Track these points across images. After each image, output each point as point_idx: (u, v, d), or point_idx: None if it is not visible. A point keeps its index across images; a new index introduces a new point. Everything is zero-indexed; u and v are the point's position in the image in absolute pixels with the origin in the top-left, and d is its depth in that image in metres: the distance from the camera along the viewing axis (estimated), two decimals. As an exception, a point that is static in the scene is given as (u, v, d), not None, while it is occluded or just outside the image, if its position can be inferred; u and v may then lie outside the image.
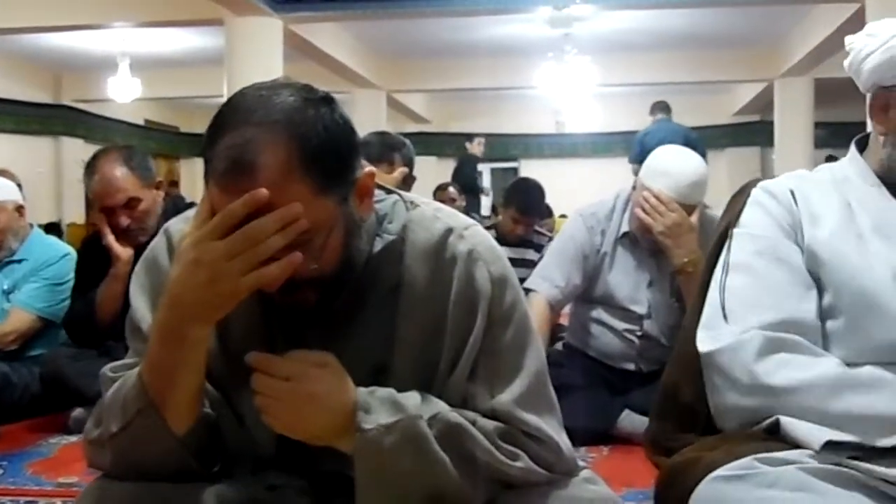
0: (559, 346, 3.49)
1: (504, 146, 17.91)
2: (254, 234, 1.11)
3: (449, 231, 1.34)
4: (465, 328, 1.31)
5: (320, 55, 11.13)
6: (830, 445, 1.28)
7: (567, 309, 3.39)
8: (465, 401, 1.31)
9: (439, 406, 1.27)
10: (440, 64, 13.38)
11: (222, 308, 1.17)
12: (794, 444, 1.31)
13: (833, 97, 12.38)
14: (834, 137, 13.35)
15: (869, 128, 1.60)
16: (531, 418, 1.34)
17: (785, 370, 1.38)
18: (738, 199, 1.63)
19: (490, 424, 1.29)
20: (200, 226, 1.15)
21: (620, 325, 3.09)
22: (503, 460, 1.28)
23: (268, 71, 8.67)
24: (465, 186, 9.63)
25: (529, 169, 17.99)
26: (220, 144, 1.15)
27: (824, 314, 1.47)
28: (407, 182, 3.17)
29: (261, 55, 8.89)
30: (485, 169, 17.43)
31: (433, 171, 14.87)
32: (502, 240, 4.70)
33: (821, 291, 1.47)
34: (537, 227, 4.87)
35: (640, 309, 3.05)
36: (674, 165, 2.86)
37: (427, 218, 1.37)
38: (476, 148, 11.48)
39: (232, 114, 1.17)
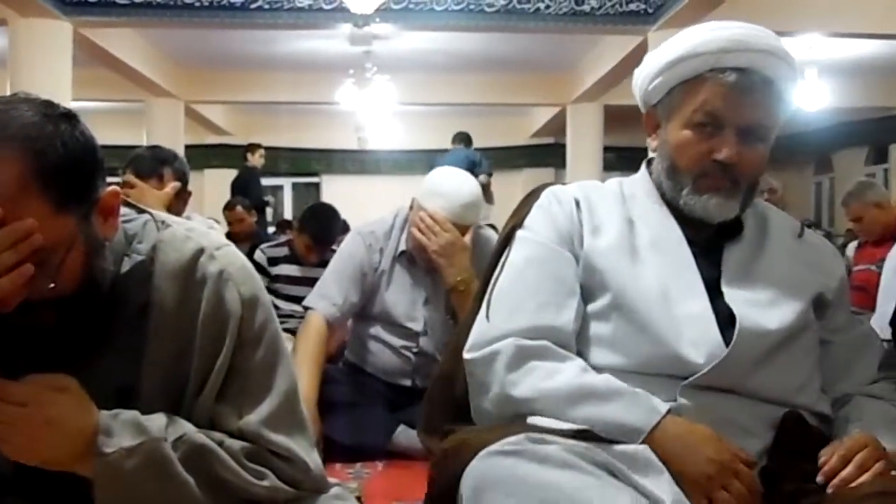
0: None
1: (306, 161, 17.78)
2: None
3: (200, 251, 1.34)
4: (213, 349, 1.31)
5: (113, 61, 10.72)
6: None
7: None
8: (213, 421, 1.32)
9: (185, 427, 1.27)
10: (241, 76, 13.16)
11: None
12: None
13: (621, 122, 12.94)
14: (621, 161, 13.94)
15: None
16: (279, 438, 1.35)
17: (529, 379, 1.46)
18: (529, 201, 1.71)
19: (237, 444, 1.30)
20: None
21: (397, 341, 3.15)
22: (250, 480, 1.29)
23: (55, 75, 8.32)
24: (255, 202, 9.39)
25: (331, 185, 17.94)
26: None
27: (598, 321, 1.55)
28: (181, 197, 3.12)
29: (48, 59, 8.46)
30: (286, 184, 17.32)
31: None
32: (300, 260, 4.70)
33: (595, 299, 1.55)
34: (336, 248, 4.88)
35: (417, 326, 3.11)
36: (448, 187, 2.94)
37: (178, 238, 1.36)
38: (257, 160, 11.25)
39: None
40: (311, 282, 4.23)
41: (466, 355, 1.56)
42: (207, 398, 1.31)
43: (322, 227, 4.71)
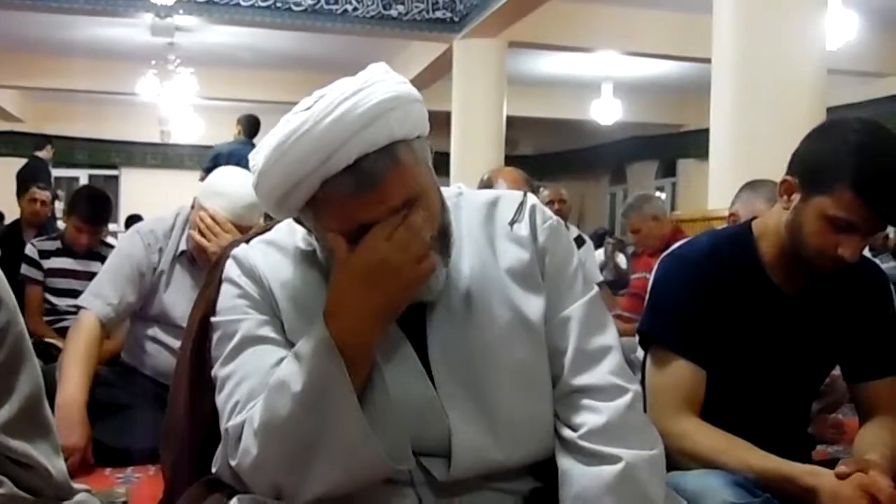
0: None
1: (105, 153, 17.15)
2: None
3: None
4: None
5: None
6: None
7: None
8: None
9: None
10: (34, 60, 12.54)
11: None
12: None
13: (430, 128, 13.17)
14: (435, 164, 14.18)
15: None
16: (18, 444, 1.31)
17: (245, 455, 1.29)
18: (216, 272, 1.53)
19: (-31, 451, 1.25)
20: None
21: (176, 343, 3.07)
22: (-18, 488, 1.25)
23: None
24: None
25: (132, 178, 17.38)
26: None
27: None
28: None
29: None
30: (83, 175, 16.62)
31: (23, 173, 13.85)
32: (69, 251, 4.51)
33: None
34: (106, 240, 4.72)
35: (196, 327, 3.06)
36: (229, 187, 2.91)
37: None
38: (46, 154, 10.71)
39: None
40: (85, 275, 4.11)
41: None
42: None
43: (91, 209, 4.50)
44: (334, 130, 1.19)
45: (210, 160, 7.42)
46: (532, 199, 1.44)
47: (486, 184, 3.23)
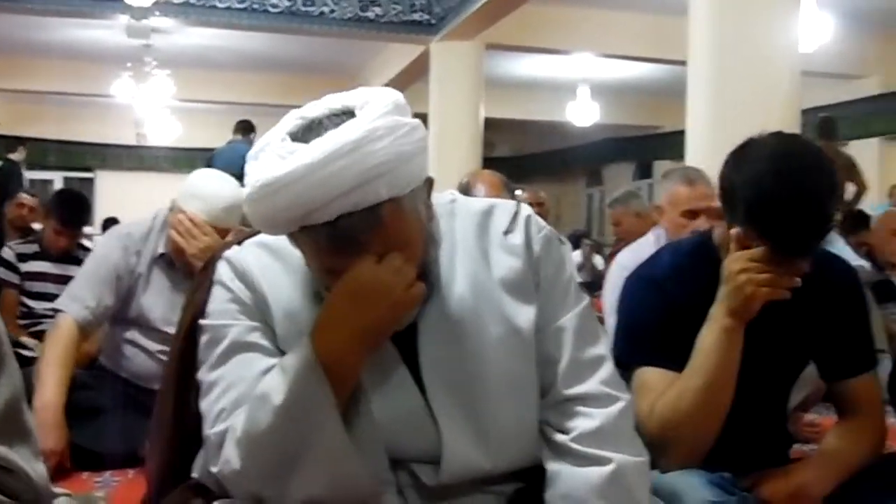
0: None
1: (80, 155, 17.00)
2: None
3: None
4: None
5: None
6: None
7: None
8: None
9: None
10: (8, 62, 12.42)
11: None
12: None
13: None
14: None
15: None
16: (-1, 448, 1.30)
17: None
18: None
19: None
20: None
21: (154, 346, 3.07)
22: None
23: None
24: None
25: (107, 180, 17.25)
26: None
27: None
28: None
29: None
30: (57, 178, 16.48)
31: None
32: (46, 254, 4.49)
33: None
34: (84, 243, 4.70)
35: (174, 330, 3.04)
36: (208, 189, 2.90)
37: None
38: (20, 155, 10.62)
39: None
40: (62, 279, 4.09)
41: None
42: None
43: (69, 211, 4.49)
44: (321, 189, 1.14)
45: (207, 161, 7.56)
46: (527, 209, 1.44)
47: (465, 188, 3.24)
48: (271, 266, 1.36)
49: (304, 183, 1.14)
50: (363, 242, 1.19)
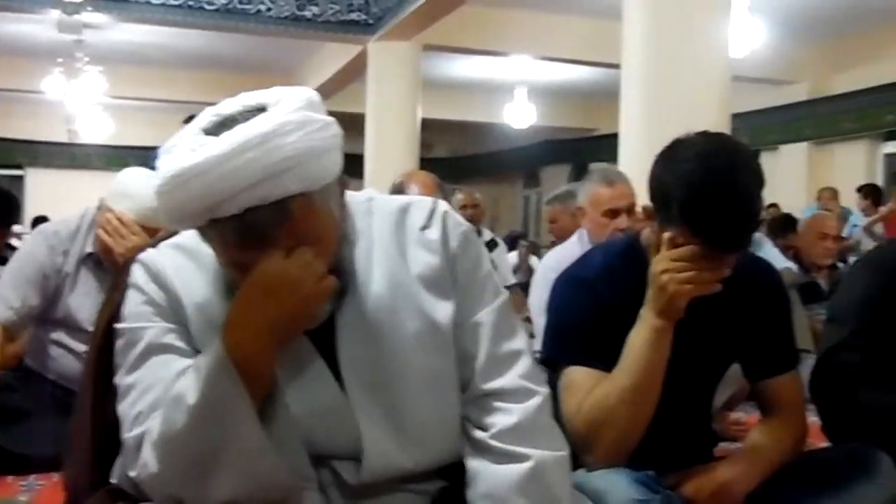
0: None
1: (9, 152, 16.68)
2: None
3: None
4: None
5: None
6: None
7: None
8: None
9: None
10: (-67, 55, 12.18)
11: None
12: None
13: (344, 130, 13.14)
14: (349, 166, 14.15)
15: None
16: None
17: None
18: None
19: None
20: None
21: (81, 347, 3.01)
22: None
23: None
24: None
25: (37, 178, 16.96)
26: None
27: None
28: None
29: None
30: (-15, 175, 16.15)
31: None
32: (-26, 255, 4.39)
33: None
34: (12, 242, 4.60)
35: (102, 331, 3.00)
36: (136, 187, 2.86)
37: None
38: None
39: None
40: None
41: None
42: None
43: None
44: (228, 180, 1.13)
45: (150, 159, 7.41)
46: (444, 205, 1.44)
47: (398, 188, 3.24)
48: (185, 266, 1.35)
49: (212, 174, 1.13)
50: (271, 237, 1.18)
